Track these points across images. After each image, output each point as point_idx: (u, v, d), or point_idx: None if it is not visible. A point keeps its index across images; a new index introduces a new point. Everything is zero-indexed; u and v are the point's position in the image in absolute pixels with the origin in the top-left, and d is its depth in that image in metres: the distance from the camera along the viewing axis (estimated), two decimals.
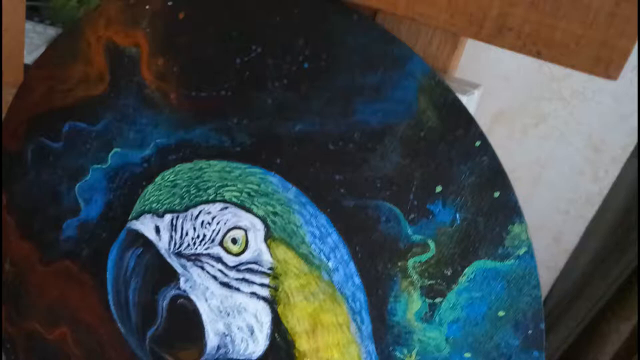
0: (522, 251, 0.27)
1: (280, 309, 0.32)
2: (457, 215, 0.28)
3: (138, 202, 0.35)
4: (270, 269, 0.32)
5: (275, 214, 0.32)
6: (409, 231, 0.29)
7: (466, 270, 0.28)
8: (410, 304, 0.29)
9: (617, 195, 0.92)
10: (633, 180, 0.89)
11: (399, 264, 0.29)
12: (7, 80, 0.55)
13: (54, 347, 0.40)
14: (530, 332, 0.27)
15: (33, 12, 0.82)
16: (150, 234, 0.34)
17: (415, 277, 0.29)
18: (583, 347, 0.96)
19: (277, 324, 0.33)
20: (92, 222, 0.37)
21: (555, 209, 0.95)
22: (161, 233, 0.34)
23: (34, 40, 0.79)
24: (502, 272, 0.27)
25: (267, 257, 0.32)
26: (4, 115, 0.54)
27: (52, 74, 0.37)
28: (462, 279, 0.28)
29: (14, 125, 0.39)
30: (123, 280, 0.36)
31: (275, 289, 0.32)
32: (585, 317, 0.96)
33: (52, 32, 0.81)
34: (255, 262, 0.33)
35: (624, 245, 0.89)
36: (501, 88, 0.88)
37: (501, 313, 0.28)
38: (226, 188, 0.33)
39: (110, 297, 0.37)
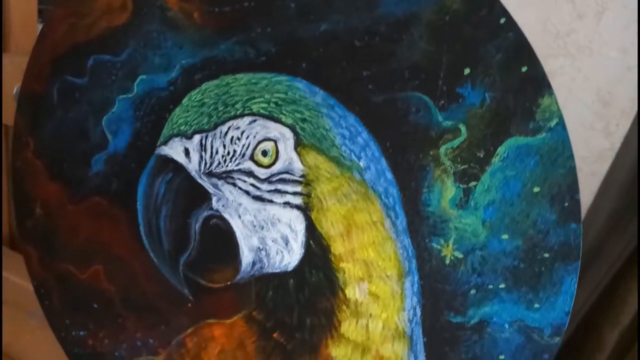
0: (553, 123, 0.27)
1: (314, 215, 0.33)
2: (487, 95, 0.28)
3: (166, 126, 0.36)
4: (302, 176, 0.33)
5: (303, 120, 0.32)
6: (440, 118, 0.29)
7: (498, 149, 0.28)
8: (444, 192, 0.30)
9: (628, 152, 0.92)
10: None
11: (431, 152, 0.30)
12: (22, 49, 0.56)
13: (87, 286, 0.41)
14: (566, 204, 0.28)
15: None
16: (180, 157, 0.35)
17: (448, 163, 0.29)
18: (604, 308, 0.96)
19: (312, 231, 0.33)
20: (120, 154, 0.38)
21: None
22: (191, 155, 0.34)
23: None
24: (535, 147, 0.28)
25: (298, 165, 0.33)
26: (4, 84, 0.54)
27: (74, 11, 0.37)
28: (495, 159, 0.29)
29: (38, 67, 0.39)
30: (154, 208, 0.36)
31: (308, 195, 0.33)
32: (604, 278, 0.96)
33: None
34: (286, 172, 0.33)
35: (638, 204, 0.89)
36: None
37: (536, 189, 0.28)
38: (253, 100, 0.33)
39: (141, 227, 0.38)
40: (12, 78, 0.55)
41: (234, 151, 0.34)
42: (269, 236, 0.34)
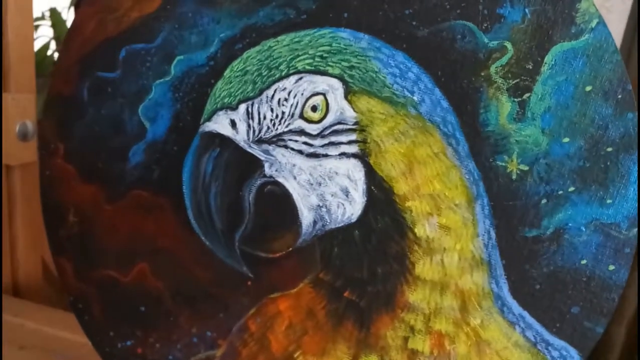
0: (594, 23, 0.29)
1: (372, 160, 0.33)
2: (527, 10, 0.30)
3: (208, 102, 0.36)
4: (355, 123, 0.33)
5: (351, 67, 0.33)
6: (485, 39, 0.31)
7: (546, 58, 0.30)
8: (500, 109, 0.31)
9: None
10: None
11: (482, 73, 0.31)
12: (21, 87, 0.55)
13: (132, 289, 0.39)
14: (619, 96, 0.29)
15: None
16: (226, 130, 0.35)
17: (499, 81, 0.31)
18: None
19: (372, 176, 0.33)
20: (160, 140, 0.37)
21: None
22: (238, 126, 0.35)
23: None
24: (580, 49, 0.30)
25: (350, 113, 0.33)
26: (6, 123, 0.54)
27: (102, 6, 0.38)
28: (544, 68, 0.30)
29: (65, 70, 0.39)
30: (202, 188, 0.36)
31: (363, 142, 0.33)
32: None
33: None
34: (339, 122, 0.34)
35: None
36: None
37: (588, 88, 0.30)
38: (298, 59, 0.34)
39: (189, 212, 0.37)
40: (13, 116, 0.55)
41: (283, 113, 0.34)
42: (327, 191, 0.34)
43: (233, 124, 0.35)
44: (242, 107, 0.35)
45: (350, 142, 0.34)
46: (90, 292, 0.40)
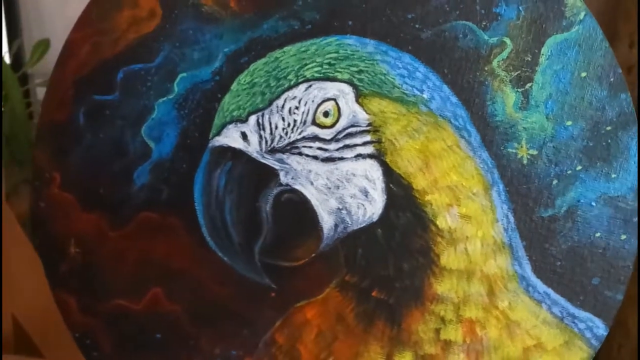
0: (582, 15, 0.32)
1: (388, 159, 0.34)
2: (520, 8, 0.33)
3: (217, 117, 0.36)
4: (368, 125, 0.34)
5: (360, 72, 0.34)
6: (485, 37, 0.33)
7: (542, 50, 0.33)
8: (506, 100, 0.33)
9: None
10: None
11: (486, 68, 0.33)
12: None
13: (145, 316, 0.37)
14: (612, 79, 0.32)
15: None
16: (237, 143, 0.35)
17: (502, 74, 0.33)
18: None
19: (389, 174, 0.34)
20: (167, 159, 0.36)
21: None
22: (249, 138, 0.35)
23: None
24: (572, 39, 0.32)
25: (362, 116, 0.34)
26: None
27: (96, 30, 0.37)
28: (542, 59, 0.33)
29: (59, 96, 0.38)
30: (216, 203, 0.35)
31: (378, 141, 0.34)
32: None
33: None
34: (352, 125, 0.34)
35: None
36: None
37: (583, 74, 0.33)
38: (306, 67, 0.35)
39: (204, 229, 0.36)
40: None
41: (295, 121, 0.35)
42: (346, 193, 0.35)
43: (244, 136, 0.35)
44: (253, 119, 0.35)
45: (365, 143, 0.34)
46: (99, 326, 0.37)
